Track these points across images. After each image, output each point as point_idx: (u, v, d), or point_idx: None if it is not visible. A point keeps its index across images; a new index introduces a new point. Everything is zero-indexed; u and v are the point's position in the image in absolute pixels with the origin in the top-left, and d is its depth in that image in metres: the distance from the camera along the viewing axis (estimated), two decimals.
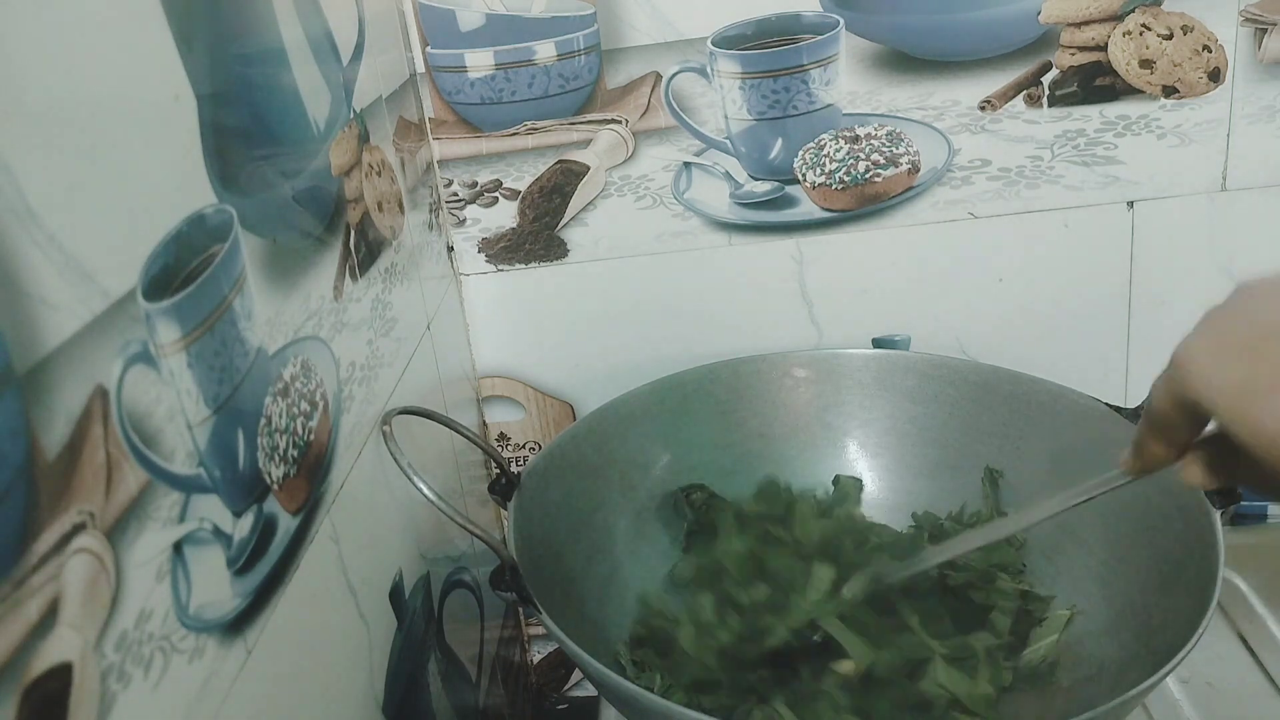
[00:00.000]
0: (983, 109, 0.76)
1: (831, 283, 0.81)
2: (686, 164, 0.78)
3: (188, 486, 0.37)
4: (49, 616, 0.29)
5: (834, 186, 0.78)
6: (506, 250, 0.81)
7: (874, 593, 0.62)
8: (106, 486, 0.32)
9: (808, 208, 0.79)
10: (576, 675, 0.94)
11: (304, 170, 0.51)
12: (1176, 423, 0.41)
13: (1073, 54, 0.74)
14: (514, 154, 0.78)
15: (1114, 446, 0.64)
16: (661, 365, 0.75)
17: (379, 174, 0.63)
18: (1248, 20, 0.73)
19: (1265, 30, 0.73)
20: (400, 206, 0.67)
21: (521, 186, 0.79)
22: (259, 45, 0.48)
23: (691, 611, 0.65)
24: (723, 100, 0.77)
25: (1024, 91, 0.75)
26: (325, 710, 0.48)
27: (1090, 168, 0.77)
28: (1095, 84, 0.75)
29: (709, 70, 0.76)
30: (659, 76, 0.76)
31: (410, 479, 0.51)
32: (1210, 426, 0.41)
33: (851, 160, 0.77)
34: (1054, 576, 0.66)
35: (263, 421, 0.44)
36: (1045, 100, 0.76)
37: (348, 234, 0.56)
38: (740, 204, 0.79)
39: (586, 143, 0.78)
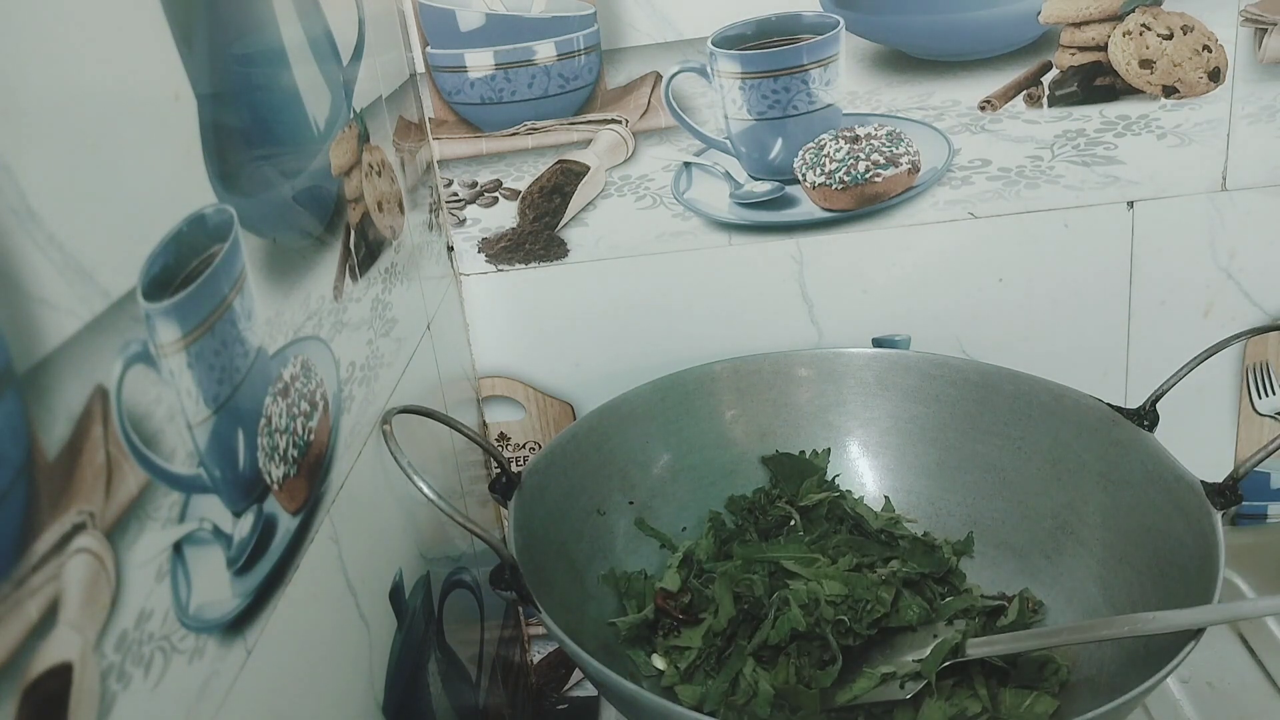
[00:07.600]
0: (983, 109, 0.76)
1: (831, 283, 0.81)
2: (686, 164, 0.78)
3: (188, 486, 0.37)
4: (49, 616, 0.29)
5: (834, 186, 0.78)
6: (506, 250, 0.81)
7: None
8: (106, 486, 0.32)
9: (808, 208, 0.79)
10: (576, 675, 0.94)
11: (304, 170, 0.51)
12: None
13: (1073, 54, 0.74)
14: (514, 154, 0.78)
15: (1114, 447, 0.65)
16: (662, 364, 0.75)
17: (379, 174, 0.63)
18: (1248, 20, 0.73)
19: (1265, 30, 0.73)
20: (400, 206, 0.67)
21: (521, 186, 0.79)
22: (259, 45, 0.48)
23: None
24: (723, 100, 0.77)
25: (1024, 91, 0.75)
26: (325, 710, 0.48)
27: (1090, 168, 0.77)
28: (1095, 84, 0.75)
29: (709, 70, 0.76)
30: (659, 76, 0.76)
31: (410, 478, 0.51)
32: None
33: (851, 160, 0.77)
34: (1054, 577, 0.67)
35: (263, 421, 0.44)
36: (1045, 100, 0.76)
37: (348, 234, 0.56)
38: (740, 204, 0.79)
39: (586, 143, 0.78)
